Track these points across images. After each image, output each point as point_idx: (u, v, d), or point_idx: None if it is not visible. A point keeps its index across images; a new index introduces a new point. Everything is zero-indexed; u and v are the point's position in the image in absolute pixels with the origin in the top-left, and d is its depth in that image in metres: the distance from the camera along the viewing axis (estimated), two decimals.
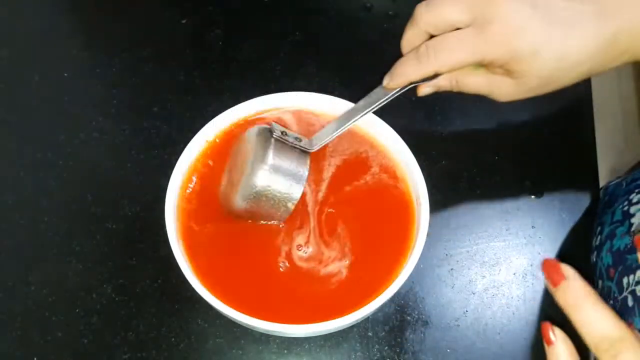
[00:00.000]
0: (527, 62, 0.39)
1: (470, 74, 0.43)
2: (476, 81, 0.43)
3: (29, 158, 0.54)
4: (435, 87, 0.45)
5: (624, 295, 0.43)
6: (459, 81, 0.43)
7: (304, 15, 0.62)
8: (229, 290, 0.41)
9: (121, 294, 0.48)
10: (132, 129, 0.55)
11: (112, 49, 0.60)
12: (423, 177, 0.43)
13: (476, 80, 0.43)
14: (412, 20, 0.42)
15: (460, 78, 0.43)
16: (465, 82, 0.43)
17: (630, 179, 0.50)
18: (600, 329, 0.28)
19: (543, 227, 0.52)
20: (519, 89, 0.41)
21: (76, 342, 0.46)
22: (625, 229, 0.45)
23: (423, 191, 0.43)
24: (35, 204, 0.51)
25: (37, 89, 0.57)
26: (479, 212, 0.52)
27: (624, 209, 0.47)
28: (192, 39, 0.60)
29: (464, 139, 0.55)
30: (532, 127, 0.56)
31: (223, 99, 0.47)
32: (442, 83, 0.44)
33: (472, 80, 0.43)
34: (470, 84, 0.43)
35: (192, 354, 0.46)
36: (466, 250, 0.51)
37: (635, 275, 0.42)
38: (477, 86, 0.43)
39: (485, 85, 0.43)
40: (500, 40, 0.39)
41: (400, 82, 0.43)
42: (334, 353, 0.46)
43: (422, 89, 0.45)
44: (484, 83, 0.43)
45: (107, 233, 0.50)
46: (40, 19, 0.62)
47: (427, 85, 0.44)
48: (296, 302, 0.42)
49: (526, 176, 0.54)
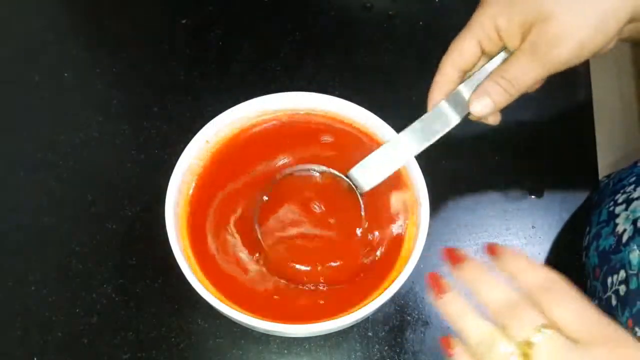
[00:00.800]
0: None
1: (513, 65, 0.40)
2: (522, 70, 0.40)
3: (29, 158, 0.54)
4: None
5: (608, 295, 0.43)
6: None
7: (304, 15, 0.62)
8: (229, 290, 0.41)
9: (121, 294, 0.48)
10: (132, 129, 0.55)
11: (112, 49, 0.60)
12: (423, 177, 0.43)
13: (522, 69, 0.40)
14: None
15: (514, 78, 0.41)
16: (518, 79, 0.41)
17: (617, 179, 0.50)
18: (476, 335, 0.32)
19: (543, 227, 0.52)
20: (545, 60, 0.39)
21: (76, 342, 0.46)
22: (611, 230, 0.45)
23: (423, 191, 0.43)
24: (35, 204, 0.51)
25: (37, 89, 0.57)
26: (479, 212, 0.52)
27: (609, 209, 0.47)
28: (192, 39, 0.60)
29: (464, 139, 0.55)
30: (532, 127, 0.56)
31: (223, 99, 0.47)
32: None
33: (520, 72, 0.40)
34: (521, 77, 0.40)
35: (192, 354, 0.46)
36: (466, 250, 0.51)
37: (618, 275, 0.42)
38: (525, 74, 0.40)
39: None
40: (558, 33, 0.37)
41: (491, 110, 0.41)
42: (334, 353, 0.46)
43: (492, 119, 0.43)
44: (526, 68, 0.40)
45: (107, 233, 0.50)
46: (40, 19, 0.62)
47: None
48: (296, 302, 0.42)
49: (526, 176, 0.54)
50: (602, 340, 0.29)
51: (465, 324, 0.32)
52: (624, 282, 0.41)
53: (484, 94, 0.40)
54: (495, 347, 0.31)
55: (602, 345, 0.29)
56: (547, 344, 0.29)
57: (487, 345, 0.31)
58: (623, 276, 0.42)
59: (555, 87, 0.57)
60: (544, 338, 0.29)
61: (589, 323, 0.30)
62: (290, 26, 0.61)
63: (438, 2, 0.62)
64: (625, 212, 0.45)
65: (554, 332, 0.29)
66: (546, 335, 0.29)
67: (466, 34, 0.41)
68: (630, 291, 0.40)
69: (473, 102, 0.40)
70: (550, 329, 0.30)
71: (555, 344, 0.29)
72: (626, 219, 0.44)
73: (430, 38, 0.59)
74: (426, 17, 0.61)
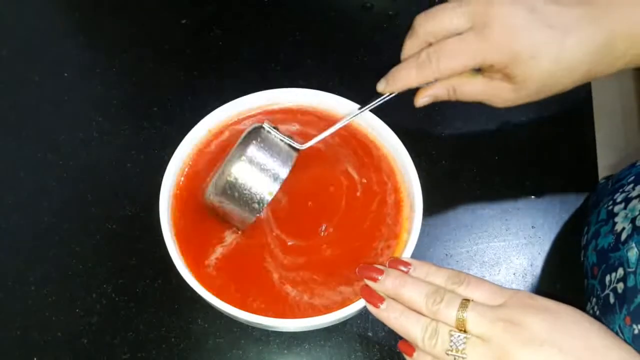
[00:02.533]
0: (526, 64, 0.39)
1: (468, 82, 0.43)
2: (474, 88, 0.43)
3: (29, 158, 0.54)
4: (432, 97, 0.44)
5: (606, 293, 0.43)
6: (456, 89, 0.43)
7: (304, 15, 0.62)
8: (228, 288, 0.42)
9: (121, 294, 0.48)
10: (132, 129, 0.55)
11: (112, 49, 0.60)
12: (417, 175, 0.44)
13: (474, 88, 0.43)
14: (411, 31, 0.42)
15: (458, 86, 0.43)
16: (463, 89, 0.43)
17: (616, 179, 0.50)
18: (419, 330, 0.36)
19: (543, 227, 0.52)
20: (518, 95, 0.41)
21: (76, 342, 0.46)
22: (609, 228, 0.45)
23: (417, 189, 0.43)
24: (35, 204, 0.51)
25: (37, 89, 0.57)
26: (479, 212, 0.52)
27: (608, 208, 0.47)
28: (192, 39, 0.60)
29: (464, 139, 0.55)
30: (532, 127, 0.56)
31: (223, 99, 0.47)
32: (440, 92, 0.44)
33: (470, 88, 0.43)
34: (468, 91, 0.43)
35: (192, 354, 0.46)
36: (466, 250, 0.51)
37: (617, 273, 0.42)
38: (475, 93, 0.43)
39: (483, 92, 0.43)
40: (499, 41, 0.39)
41: (399, 86, 0.43)
42: (334, 353, 0.46)
43: (419, 99, 0.45)
44: (482, 90, 0.43)
45: (107, 233, 0.50)
46: (40, 19, 0.62)
47: (424, 96, 0.44)
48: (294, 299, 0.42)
49: (526, 176, 0.54)
50: (513, 300, 0.35)
51: (407, 324, 0.37)
52: (622, 280, 0.42)
53: (429, 96, 0.44)
54: (438, 334, 0.35)
55: (513, 301, 0.35)
56: (474, 314, 0.35)
57: (431, 335, 0.35)
58: (621, 274, 0.42)
59: None
60: (471, 311, 0.35)
61: (499, 294, 0.36)
62: (290, 26, 0.61)
63: (438, 2, 0.62)
64: (624, 211, 0.45)
65: (475, 303, 0.35)
66: (471, 308, 0.35)
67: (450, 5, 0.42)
68: (628, 289, 0.41)
69: (418, 98, 0.44)
70: (471, 302, 0.35)
71: (479, 310, 0.35)
72: (625, 218, 0.44)
73: None
74: None
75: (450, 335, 0.35)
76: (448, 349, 0.35)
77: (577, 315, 0.34)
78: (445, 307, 0.36)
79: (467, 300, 0.35)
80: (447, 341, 0.35)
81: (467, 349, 0.34)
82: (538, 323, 0.33)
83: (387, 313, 0.38)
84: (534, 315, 0.34)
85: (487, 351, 0.34)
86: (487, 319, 0.34)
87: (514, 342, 0.33)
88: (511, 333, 0.33)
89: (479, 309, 0.35)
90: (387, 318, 0.38)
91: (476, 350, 0.34)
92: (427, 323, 0.36)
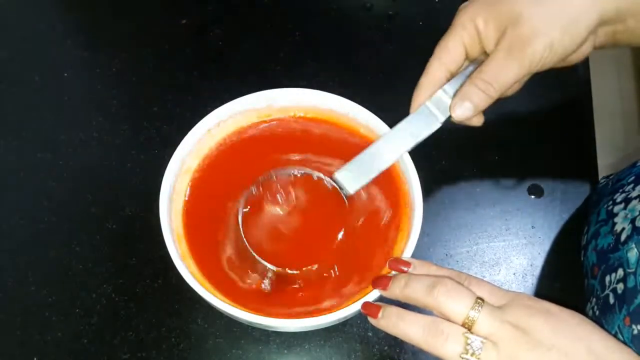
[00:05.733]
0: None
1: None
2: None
3: (29, 158, 0.54)
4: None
5: (606, 293, 0.43)
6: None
7: (304, 15, 0.62)
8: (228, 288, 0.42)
9: (121, 294, 0.48)
10: (132, 129, 0.55)
11: (112, 49, 0.60)
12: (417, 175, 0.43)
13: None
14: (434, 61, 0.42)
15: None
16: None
17: (616, 179, 0.50)
18: (419, 328, 0.35)
19: (543, 227, 0.52)
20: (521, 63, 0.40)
21: (76, 342, 0.46)
22: (609, 228, 0.45)
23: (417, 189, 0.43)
24: (35, 204, 0.51)
25: (37, 89, 0.57)
26: (479, 212, 0.52)
27: (608, 208, 0.47)
28: (192, 39, 0.60)
29: (464, 139, 0.55)
30: (532, 127, 0.56)
31: (223, 99, 0.47)
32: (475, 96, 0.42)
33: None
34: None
35: (192, 354, 0.46)
36: (466, 250, 0.51)
37: (616, 273, 0.42)
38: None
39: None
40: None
41: (472, 113, 0.42)
42: (334, 353, 0.46)
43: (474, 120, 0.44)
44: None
45: (107, 233, 0.50)
46: (40, 19, 0.62)
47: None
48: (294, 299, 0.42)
49: (526, 176, 0.54)
50: (515, 302, 0.35)
51: (404, 327, 0.36)
52: (622, 281, 0.42)
53: (464, 98, 0.41)
54: (448, 336, 0.34)
55: (515, 303, 0.35)
56: (485, 314, 0.34)
57: (435, 333, 0.34)
58: (621, 274, 0.42)
59: (555, 87, 0.58)
60: (484, 311, 0.34)
61: (500, 295, 0.36)
62: (290, 26, 0.61)
63: (438, 2, 0.62)
64: (623, 211, 0.45)
65: (487, 304, 0.34)
66: (485, 308, 0.34)
67: (450, 34, 0.42)
68: (628, 289, 0.41)
69: (454, 108, 0.41)
70: (485, 303, 0.35)
71: (490, 311, 0.34)
72: (625, 218, 0.44)
73: (430, 38, 0.59)
74: (426, 17, 0.61)
75: (466, 338, 0.34)
76: (463, 353, 0.33)
77: (578, 318, 0.34)
78: (454, 301, 0.35)
79: (482, 300, 0.35)
80: (462, 344, 0.34)
81: (482, 354, 0.33)
82: (543, 326, 0.33)
83: (385, 321, 0.37)
84: (538, 318, 0.34)
85: (496, 355, 0.33)
86: (497, 321, 0.34)
87: (523, 346, 0.33)
88: (519, 336, 0.33)
89: (490, 310, 0.34)
90: (386, 326, 0.37)
91: (488, 354, 0.33)
92: (427, 322, 0.35)
